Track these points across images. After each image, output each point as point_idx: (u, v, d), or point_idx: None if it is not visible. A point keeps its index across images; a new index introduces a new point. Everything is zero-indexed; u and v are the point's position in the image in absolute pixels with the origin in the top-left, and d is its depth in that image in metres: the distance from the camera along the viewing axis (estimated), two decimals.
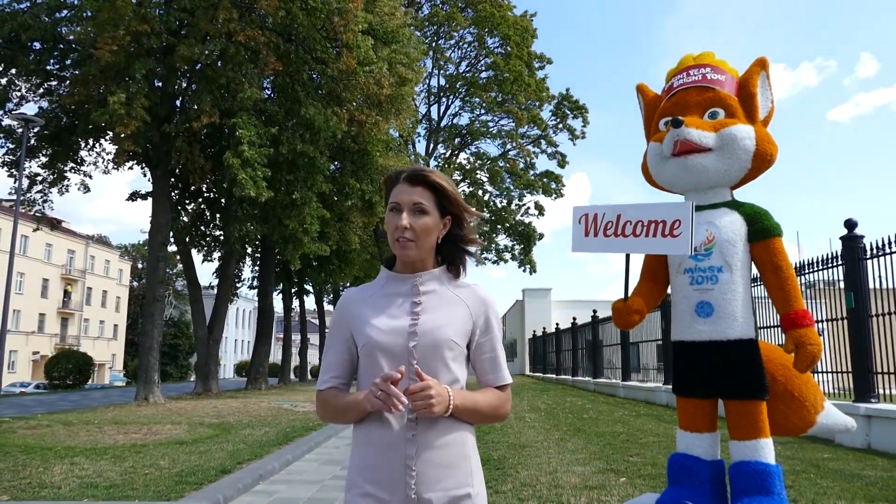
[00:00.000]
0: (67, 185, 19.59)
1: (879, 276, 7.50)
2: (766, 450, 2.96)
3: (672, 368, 3.12)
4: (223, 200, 21.27)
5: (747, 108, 3.27)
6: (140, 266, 75.70)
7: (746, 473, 2.92)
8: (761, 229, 3.04)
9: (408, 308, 1.82)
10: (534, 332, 36.39)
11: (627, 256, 3.11)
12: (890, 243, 7.37)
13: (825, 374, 8.83)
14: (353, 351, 1.87)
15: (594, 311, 20.85)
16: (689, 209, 2.93)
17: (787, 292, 2.95)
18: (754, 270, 3.09)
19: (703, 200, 3.22)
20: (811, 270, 8.78)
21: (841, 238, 7.91)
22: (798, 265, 8.96)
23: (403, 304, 1.83)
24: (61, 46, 17.57)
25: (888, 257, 7.42)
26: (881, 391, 7.69)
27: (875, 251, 7.56)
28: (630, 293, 3.19)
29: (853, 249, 7.75)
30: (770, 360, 3.08)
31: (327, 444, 9.81)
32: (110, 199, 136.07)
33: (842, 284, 8.14)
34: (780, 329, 3.02)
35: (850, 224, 7.79)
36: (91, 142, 19.50)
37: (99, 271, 66.52)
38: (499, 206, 37.36)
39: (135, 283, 74.27)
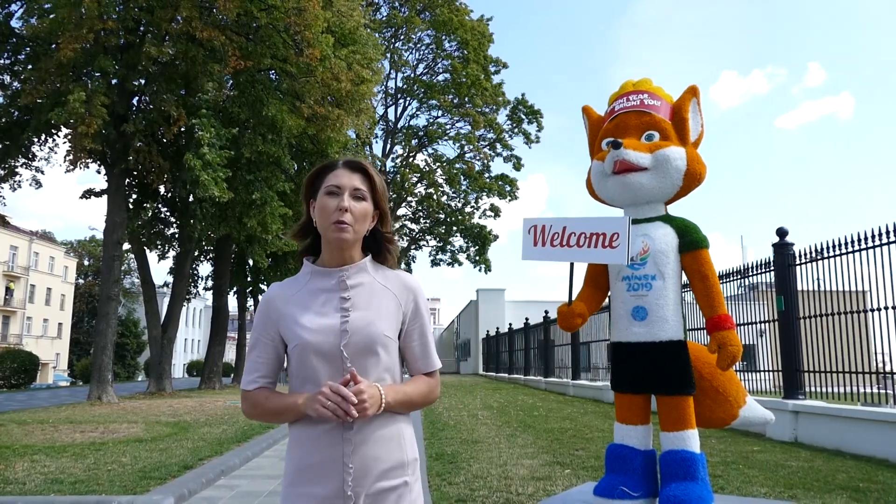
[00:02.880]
0: (19, 181, 19.31)
1: (817, 280, 8.01)
2: (692, 440, 3.20)
3: (611, 367, 3.41)
4: (178, 200, 21.16)
5: (680, 132, 3.55)
6: (87, 263, 73.89)
7: (675, 461, 3.15)
8: (691, 241, 3.30)
9: (336, 304, 1.80)
10: (487, 332, 36.76)
11: (571, 265, 3.33)
12: (816, 251, 7.92)
13: (765, 373, 9.38)
14: (281, 350, 1.84)
15: (545, 312, 21.20)
16: (626, 223, 3.21)
17: (711, 298, 3.19)
18: (684, 278, 3.42)
19: (639, 214, 3.49)
20: (746, 275, 9.33)
21: (773, 245, 8.45)
22: (723, 272, 9.53)
23: (331, 301, 1.81)
24: (13, 41, 17.32)
25: (815, 263, 7.99)
26: (809, 389, 8.25)
27: (810, 256, 8.10)
28: (574, 298, 3.46)
29: (784, 256, 8.31)
30: (697, 359, 3.36)
31: (285, 441, 9.96)
32: (55, 194, 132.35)
33: None
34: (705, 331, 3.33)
35: (781, 232, 8.35)
36: (44, 137, 19.22)
37: (43, 268, 64.73)
38: (455, 207, 37.70)
39: (80, 281, 72.53)
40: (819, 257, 7.90)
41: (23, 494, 5.50)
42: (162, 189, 21.66)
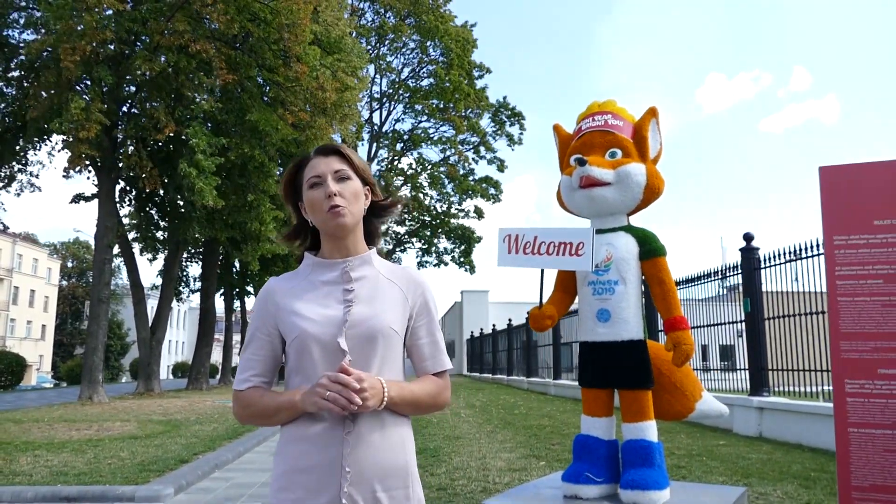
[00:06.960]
0: (21, 186, 19.66)
1: (795, 280, 8.39)
2: (650, 430, 3.48)
3: (578, 364, 3.77)
4: (167, 204, 21.42)
5: (640, 149, 3.87)
6: (70, 265, 73.61)
7: (634, 450, 3.41)
8: (650, 250, 3.60)
9: (339, 296, 1.71)
10: (471, 332, 37.06)
11: (542, 271, 3.70)
12: (780, 255, 8.37)
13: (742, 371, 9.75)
14: (278, 347, 1.74)
15: (528, 313, 21.47)
16: (591, 233, 3.55)
17: (668, 302, 3.48)
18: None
19: (604, 225, 3.81)
20: (716, 278, 9.77)
21: (740, 250, 8.89)
22: (689, 277, 9.96)
23: (334, 292, 1.72)
24: (6, 49, 17.55)
25: (781, 266, 8.42)
26: (779, 387, 8.67)
27: (778, 260, 8.51)
28: (545, 301, 3.81)
29: (750, 260, 8.75)
30: (657, 357, 3.68)
31: (274, 438, 10.32)
32: (40, 196, 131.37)
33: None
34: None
35: (748, 237, 8.80)
36: (35, 143, 19.50)
37: (27, 270, 64.55)
38: (439, 210, 38.08)
39: (64, 283, 72.25)
40: (781, 261, 8.33)
41: (31, 485, 5.83)
42: (152, 193, 21.89)
